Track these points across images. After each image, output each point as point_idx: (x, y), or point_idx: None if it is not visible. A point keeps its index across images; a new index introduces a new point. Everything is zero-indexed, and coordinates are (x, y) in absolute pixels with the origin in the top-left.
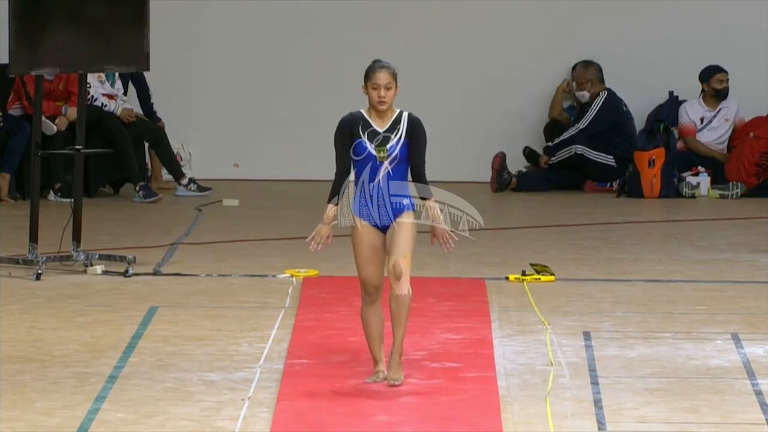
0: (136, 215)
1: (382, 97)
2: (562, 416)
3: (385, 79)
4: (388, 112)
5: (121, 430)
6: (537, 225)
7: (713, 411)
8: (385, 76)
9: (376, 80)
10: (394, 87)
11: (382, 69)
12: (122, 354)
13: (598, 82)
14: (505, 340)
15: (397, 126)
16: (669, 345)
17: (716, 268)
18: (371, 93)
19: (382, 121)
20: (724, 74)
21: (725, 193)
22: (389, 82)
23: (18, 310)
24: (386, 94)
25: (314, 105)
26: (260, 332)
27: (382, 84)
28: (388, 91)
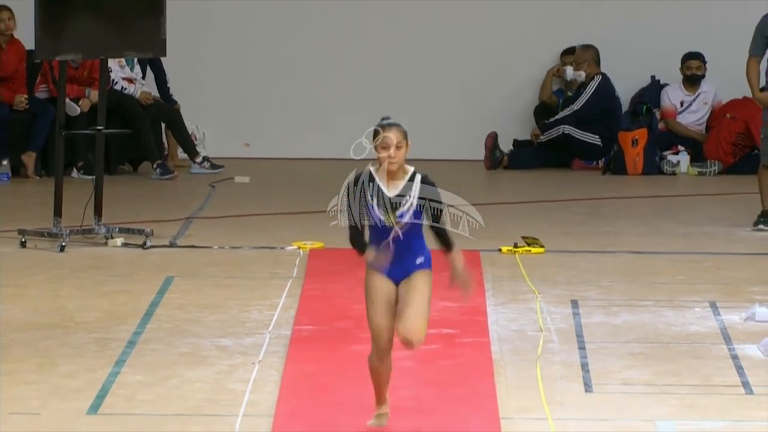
0: (154, 191)
1: (392, 157)
2: (552, 379)
3: (395, 139)
4: (399, 172)
5: (140, 391)
6: (528, 200)
7: (693, 374)
8: (395, 134)
9: (385, 140)
10: (404, 146)
11: (392, 128)
12: (140, 321)
13: (595, 64)
14: (498, 308)
15: (409, 191)
16: (651, 312)
17: (695, 240)
18: (380, 153)
19: (392, 182)
20: (697, 61)
21: (704, 171)
22: (399, 141)
23: (43, 280)
24: (396, 154)
25: (320, 87)
26: (269, 300)
27: (392, 144)
28: (398, 151)
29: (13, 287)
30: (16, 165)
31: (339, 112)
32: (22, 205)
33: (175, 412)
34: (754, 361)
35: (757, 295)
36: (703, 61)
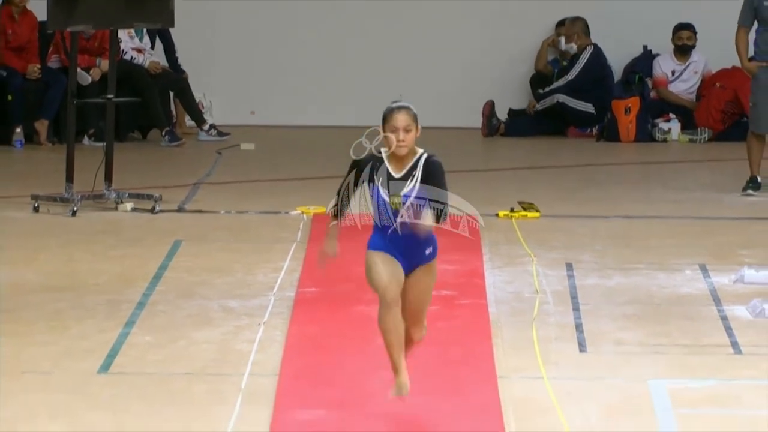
0: (162, 158)
1: (401, 140)
2: (547, 339)
3: (404, 122)
4: (408, 155)
5: (149, 351)
6: (524, 167)
7: (683, 335)
8: (404, 118)
9: (394, 123)
10: (414, 129)
11: (401, 111)
12: (150, 283)
13: (585, 35)
14: (495, 271)
15: (413, 172)
16: (643, 275)
17: (686, 205)
18: (389, 137)
19: (400, 165)
20: (687, 31)
21: (694, 138)
22: (409, 125)
23: (55, 244)
24: (405, 137)
25: (323, 57)
26: (274, 264)
27: (400, 126)
28: (407, 134)
29: (26, 251)
30: (29, 132)
31: (341, 82)
32: (35, 171)
33: (183, 372)
34: (743, 322)
35: (746, 258)
36: (693, 31)
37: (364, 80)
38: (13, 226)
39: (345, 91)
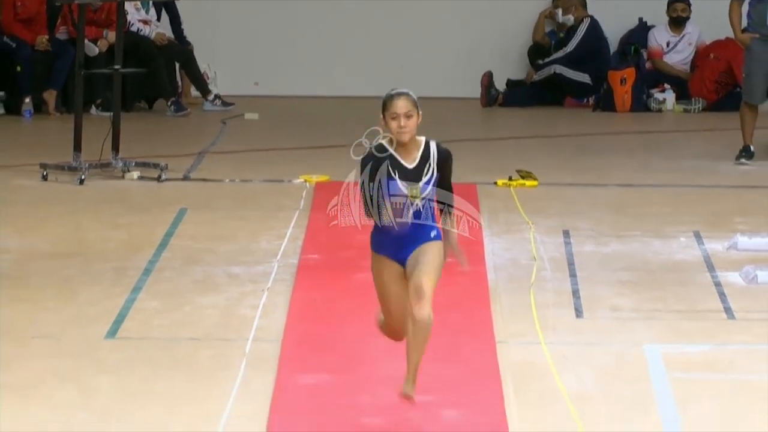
0: (168, 127)
1: (402, 126)
2: (544, 305)
3: (404, 107)
4: (412, 143)
5: (155, 317)
6: (522, 136)
7: (678, 300)
8: (404, 103)
9: (394, 109)
10: (415, 115)
11: (401, 96)
12: (156, 250)
13: (582, 7)
14: (493, 238)
15: (428, 160)
16: (639, 242)
17: (680, 174)
18: (390, 124)
19: (409, 155)
20: (682, 4)
21: (688, 108)
22: (409, 110)
23: (63, 211)
24: (407, 123)
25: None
26: (277, 231)
27: (401, 113)
28: (408, 120)
29: (35, 219)
30: (37, 102)
31: (343, 53)
32: (44, 140)
33: (189, 337)
34: (736, 288)
35: (739, 225)
36: (687, 3)
37: (366, 52)
38: (22, 194)
39: (347, 62)
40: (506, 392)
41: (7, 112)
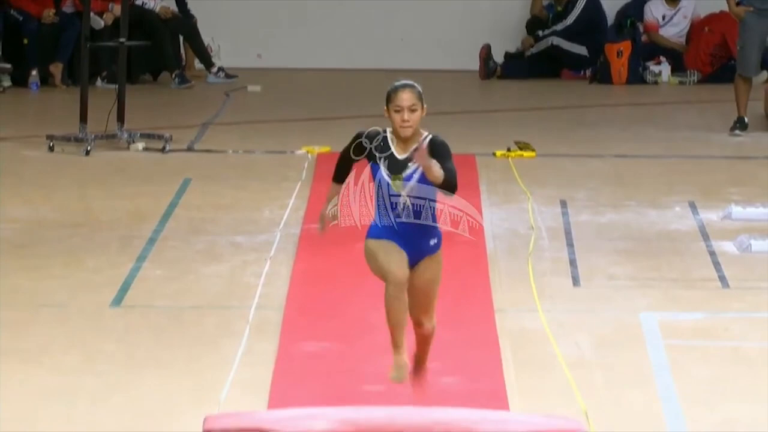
0: (173, 99)
1: (405, 120)
2: (542, 273)
3: (408, 101)
4: (413, 137)
5: (160, 285)
6: (520, 108)
7: (673, 269)
8: (409, 96)
9: (398, 102)
10: (419, 108)
11: (405, 89)
12: (160, 220)
13: None
14: (492, 208)
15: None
16: (634, 212)
17: (676, 145)
18: (394, 117)
19: (404, 146)
20: None
21: (684, 80)
22: (414, 104)
23: (69, 182)
24: (410, 117)
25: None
26: (280, 201)
27: (405, 106)
28: (412, 114)
29: (42, 189)
30: (44, 75)
31: (344, 26)
32: (50, 112)
33: (193, 305)
34: (730, 257)
35: (733, 195)
36: None
37: (367, 25)
38: (29, 165)
39: (347, 35)
40: (504, 359)
41: (14, 85)
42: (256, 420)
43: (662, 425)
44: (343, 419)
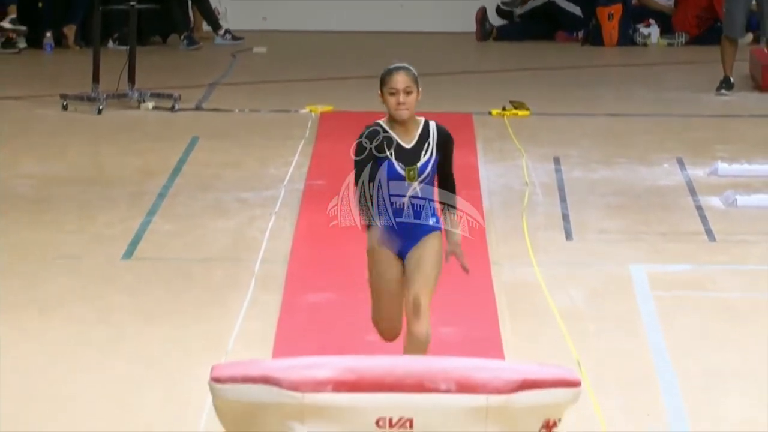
0: (181, 60)
1: (401, 103)
2: (536, 228)
3: (403, 82)
4: (411, 122)
5: (169, 239)
6: (515, 69)
7: (662, 223)
8: (404, 78)
9: (393, 84)
10: (415, 91)
11: (400, 71)
12: (170, 176)
13: None
14: (488, 165)
15: (426, 140)
16: (625, 169)
17: (665, 104)
18: (389, 99)
19: (407, 134)
20: None
21: (672, 42)
22: (409, 86)
23: (82, 140)
24: (406, 100)
25: None
26: (284, 158)
27: (400, 88)
28: (408, 96)
29: (56, 146)
30: (58, 37)
31: None
32: (64, 72)
33: (201, 258)
34: (717, 212)
35: (720, 153)
36: None
37: None
38: (44, 123)
39: None
40: (500, 310)
41: (29, 46)
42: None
43: (651, 373)
44: (345, 368)
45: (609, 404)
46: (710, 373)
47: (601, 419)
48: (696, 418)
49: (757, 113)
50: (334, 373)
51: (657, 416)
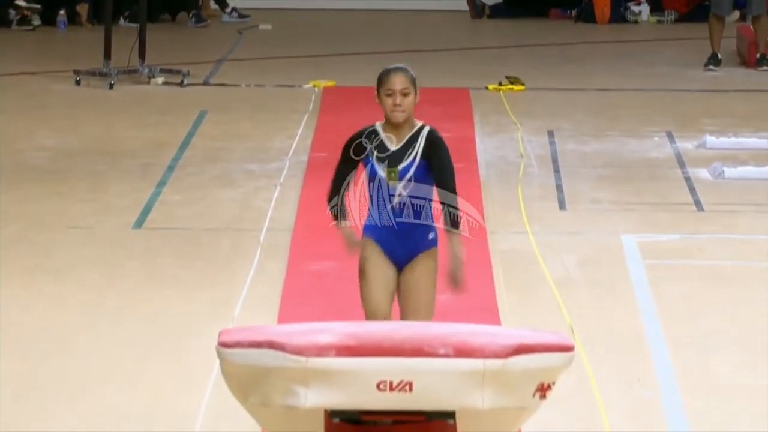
0: (190, 37)
1: (397, 104)
2: (531, 198)
3: (401, 84)
4: (406, 125)
5: (178, 209)
6: (510, 45)
7: (652, 194)
8: (401, 80)
9: (390, 85)
10: (412, 93)
11: (398, 72)
12: (178, 149)
13: None
14: (485, 138)
15: (413, 143)
16: (616, 141)
17: (655, 79)
18: (385, 101)
19: (397, 136)
20: None
21: (662, 19)
22: (406, 87)
23: (95, 113)
24: (403, 101)
25: None
26: (289, 131)
27: (397, 89)
28: (405, 98)
29: (69, 119)
30: (71, 14)
31: None
32: (77, 49)
33: (209, 227)
34: (705, 183)
35: (707, 126)
36: None
37: None
38: (57, 97)
39: None
40: (496, 278)
41: (43, 24)
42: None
43: (642, 338)
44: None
45: (601, 368)
46: (698, 337)
47: (594, 383)
48: (685, 381)
49: (744, 88)
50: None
51: (647, 380)
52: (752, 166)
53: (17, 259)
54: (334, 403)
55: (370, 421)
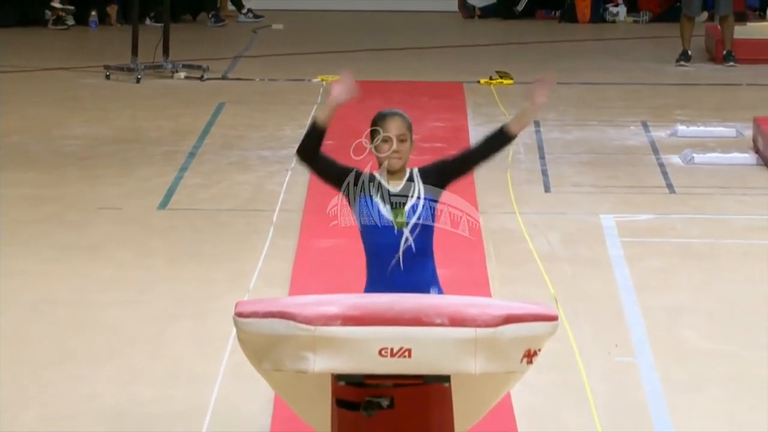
0: (209, 36)
1: (396, 151)
2: (519, 181)
3: (398, 129)
4: (401, 172)
5: (199, 191)
6: (500, 43)
7: (629, 178)
8: (398, 125)
9: (386, 130)
10: (408, 139)
11: (394, 117)
12: (199, 137)
13: None
14: (476, 127)
15: (412, 182)
16: (596, 130)
17: (631, 74)
18: (381, 146)
19: (395, 181)
20: None
21: (637, 19)
22: (403, 133)
23: (123, 105)
24: (401, 148)
25: None
26: (299, 121)
27: (394, 135)
28: (402, 144)
29: (100, 111)
30: (102, 15)
31: None
32: (107, 46)
33: (227, 208)
34: (677, 168)
35: (680, 117)
36: None
37: None
38: (89, 90)
39: None
40: (487, 253)
41: (76, 23)
42: (279, 305)
43: (619, 309)
44: (351, 304)
45: (582, 336)
46: (671, 308)
47: (576, 349)
48: (658, 346)
49: (712, 82)
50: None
51: (624, 346)
52: (719, 153)
53: (52, 237)
54: (340, 368)
55: (372, 384)
